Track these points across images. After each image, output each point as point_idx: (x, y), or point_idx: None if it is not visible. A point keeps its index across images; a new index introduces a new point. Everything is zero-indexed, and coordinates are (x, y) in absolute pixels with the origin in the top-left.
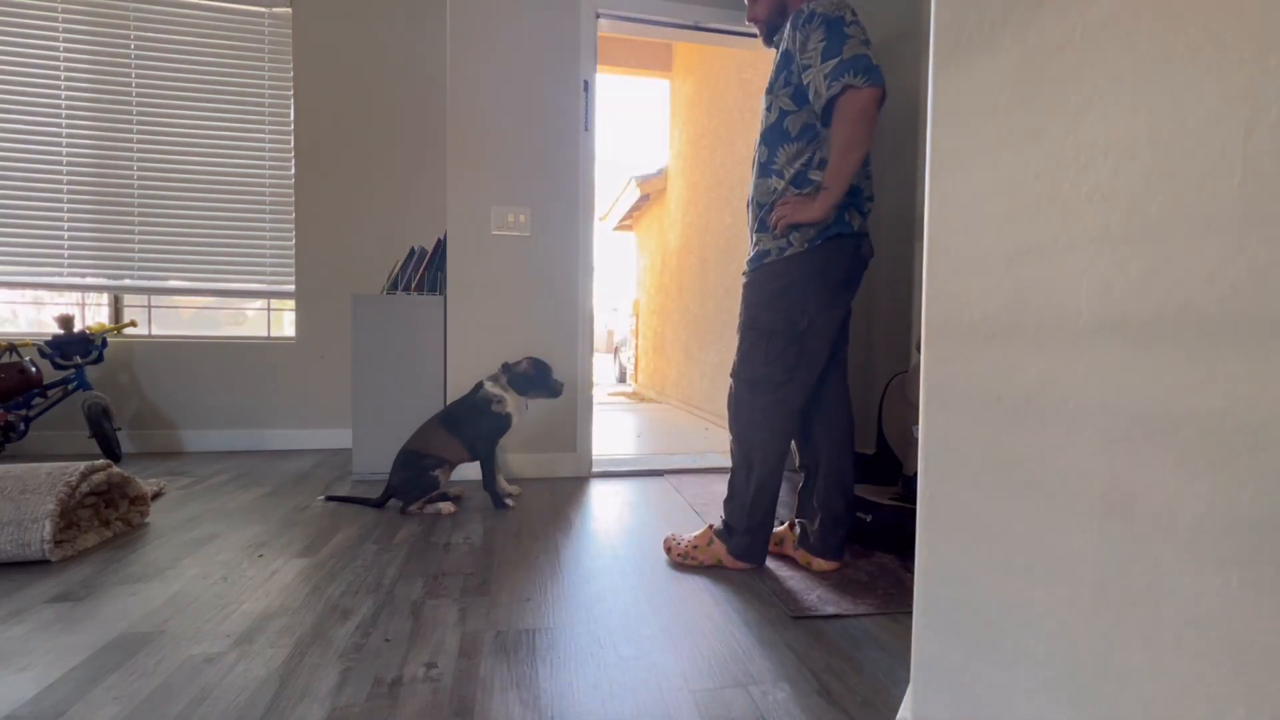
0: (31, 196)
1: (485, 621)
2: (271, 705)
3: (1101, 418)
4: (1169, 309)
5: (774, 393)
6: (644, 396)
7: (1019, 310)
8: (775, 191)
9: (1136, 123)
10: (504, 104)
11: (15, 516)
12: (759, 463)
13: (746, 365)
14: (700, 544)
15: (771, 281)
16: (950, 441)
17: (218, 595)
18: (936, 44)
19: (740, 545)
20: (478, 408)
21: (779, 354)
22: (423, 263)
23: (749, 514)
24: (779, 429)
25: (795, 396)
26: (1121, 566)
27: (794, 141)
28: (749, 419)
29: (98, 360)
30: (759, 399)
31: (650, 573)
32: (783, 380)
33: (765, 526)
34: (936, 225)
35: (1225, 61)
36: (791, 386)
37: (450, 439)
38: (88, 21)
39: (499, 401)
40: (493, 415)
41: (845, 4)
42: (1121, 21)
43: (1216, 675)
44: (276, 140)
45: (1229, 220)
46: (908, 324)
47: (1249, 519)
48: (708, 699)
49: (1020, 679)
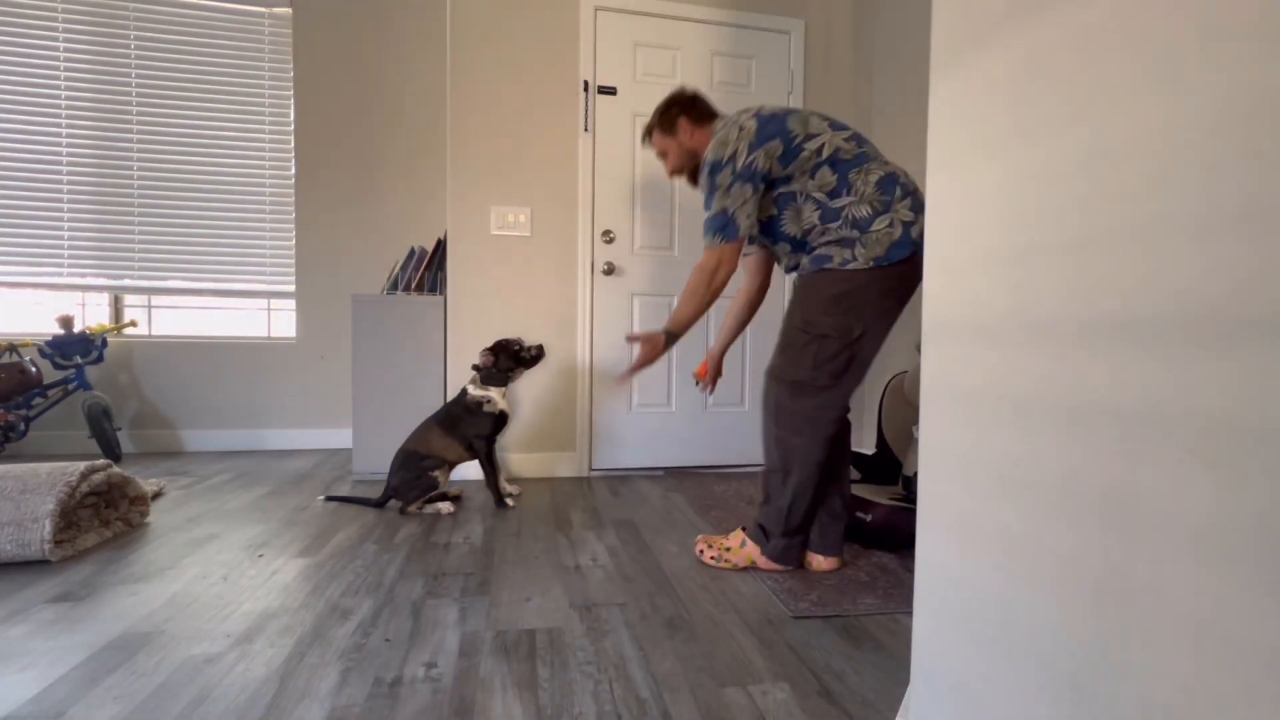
0: (31, 196)
1: (485, 621)
2: (271, 705)
3: (1102, 418)
4: (1169, 309)
5: (816, 397)
6: None
7: (1019, 310)
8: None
9: (1136, 122)
10: (504, 104)
11: (15, 516)
12: (797, 467)
13: (792, 367)
14: (733, 545)
15: (832, 286)
16: (950, 441)
17: (218, 595)
18: (936, 44)
19: (776, 549)
20: (471, 410)
21: (830, 358)
22: (423, 263)
23: (786, 519)
24: (819, 434)
25: (838, 402)
26: (1121, 566)
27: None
28: (789, 423)
29: (98, 360)
30: (801, 402)
31: (650, 573)
32: (827, 385)
33: (803, 530)
34: (936, 225)
35: (1225, 61)
36: (836, 392)
37: (448, 439)
38: (88, 21)
39: (488, 402)
40: (486, 415)
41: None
42: (1121, 21)
43: (1216, 675)
44: (276, 140)
45: (1229, 220)
46: (908, 324)
47: (1249, 519)
48: (708, 699)
49: (1020, 679)
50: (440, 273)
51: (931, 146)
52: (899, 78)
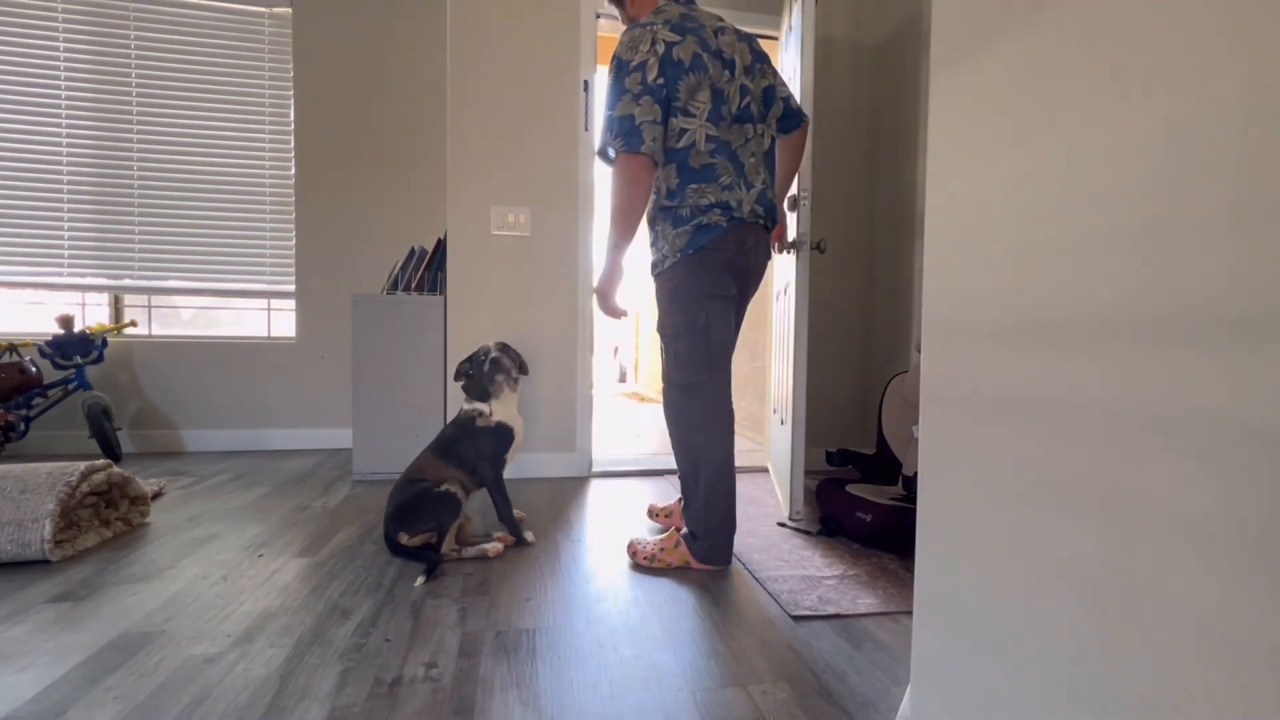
0: (31, 196)
1: (485, 621)
2: (271, 705)
3: (1102, 418)
4: (1169, 309)
5: (701, 393)
6: (644, 396)
7: (1019, 310)
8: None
9: (1136, 122)
10: (504, 104)
11: (15, 516)
12: (703, 466)
13: (670, 369)
14: (667, 546)
15: (664, 285)
16: (950, 441)
17: (218, 595)
18: (936, 44)
19: (703, 549)
20: (464, 427)
21: (689, 354)
22: (423, 263)
23: (705, 519)
24: (715, 429)
25: (720, 394)
26: (1122, 566)
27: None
28: (688, 422)
29: (98, 360)
30: (690, 402)
31: (650, 573)
32: (705, 379)
33: (725, 529)
34: (936, 225)
35: (1225, 60)
36: (713, 385)
37: (447, 467)
38: (88, 21)
39: (480, 416)
40: (480, 431)
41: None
42: (1121, 21)
43: (1216, 675)
44: (276, 140)
45: (1229, 220)
46: (908, 324)
47: (1249, 519)
48: (708, 699)
49: (1020, 679)
50: (440, 273)
51: (931, 146)
52: (898, 77)
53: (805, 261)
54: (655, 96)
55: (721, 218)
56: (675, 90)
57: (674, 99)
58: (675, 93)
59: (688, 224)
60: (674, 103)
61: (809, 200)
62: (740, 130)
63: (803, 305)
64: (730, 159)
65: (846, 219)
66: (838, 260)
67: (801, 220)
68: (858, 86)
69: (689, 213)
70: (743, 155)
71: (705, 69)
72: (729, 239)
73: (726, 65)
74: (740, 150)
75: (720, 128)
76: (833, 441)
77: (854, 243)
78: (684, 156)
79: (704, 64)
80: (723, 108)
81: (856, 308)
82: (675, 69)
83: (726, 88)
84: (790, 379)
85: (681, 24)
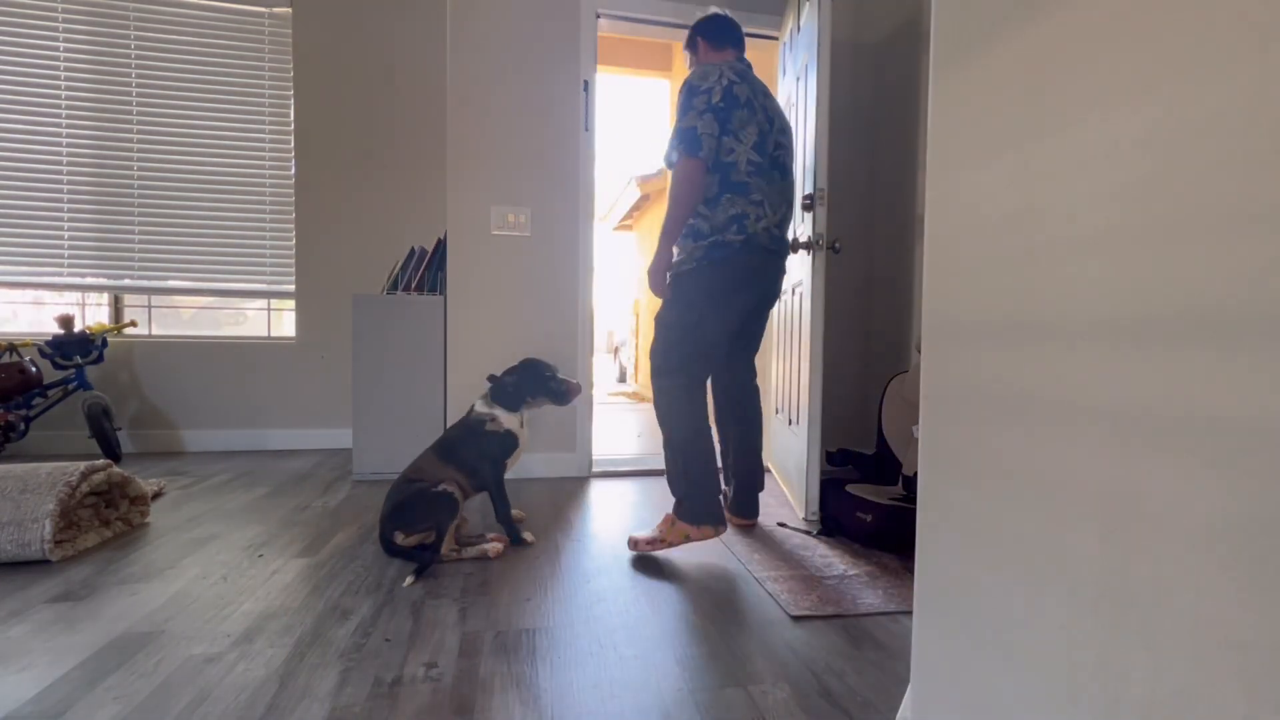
0: (31, 196)
1: (485, 621)
2: (271, 705)
3: (1102, 418)
4: (1169, 309)
5: (672, 377)
6: (644, 396)
7: (1019, 310)
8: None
9: (1137, 122)
10: (504, 104)
11: (15, 516)
12: (673, 430)
13: (657, 352)
14: (665, 528)
15: (676, 285)
16: (950, 441)
17: (218, 595)
18: (936, 44)
19: (690, 510)
20: (471, 429)
21: (676, 344)
22: (423, 263)
23: (684, 476)
24: (685, 403)
25: (697, 383)
26: (1122, 566)
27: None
28: (665, 403)
29: (98, 360)
30: (663, 382)
31: (651, 573)
32: (677, 367)
33: (705, 486)
34: (936, 225)
35: (1226, 60)
36: (686, 375)
37: (446, 468)
38: (88, 21)
39: (491, 420)
40: (487, 435)
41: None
42: (1122, 21)
43: (1217, 676)
44: (276, 140)
45: (1229, 220)
46: (908, 324)
47: (1250, 519)
48: (708, 699)
49: (1020, 679)
50: (440, 273)
51: (931, 146)
52: (898, 77)
53: (821, 263)
54: (716, 115)
55: (737, 237)
56: (730, 117)
57: (728, 123)
58: (729, 119)
59: (706, 239)
60: (728, 124)
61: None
62: (771, 171)
63: (818, 307)
64: (765, 183)
65: (846, 219)
66: (838, 260)
67: (818, 220)
68: (858, 86)
69: (709, 229)
70: (772, 186)
71: (755, 113)
72: (739, 260)
73: (769, 119)
74: (770, 182)
75: (760, 158)
76: (833, 441)
77: (854, 243)
78: (727, 171)
79: (755, 109)
80: (763, 148)
81: (856, 308)
82: (733, 101)
83: (767, 136)
84: (802, 381)
85: (743, 75)
